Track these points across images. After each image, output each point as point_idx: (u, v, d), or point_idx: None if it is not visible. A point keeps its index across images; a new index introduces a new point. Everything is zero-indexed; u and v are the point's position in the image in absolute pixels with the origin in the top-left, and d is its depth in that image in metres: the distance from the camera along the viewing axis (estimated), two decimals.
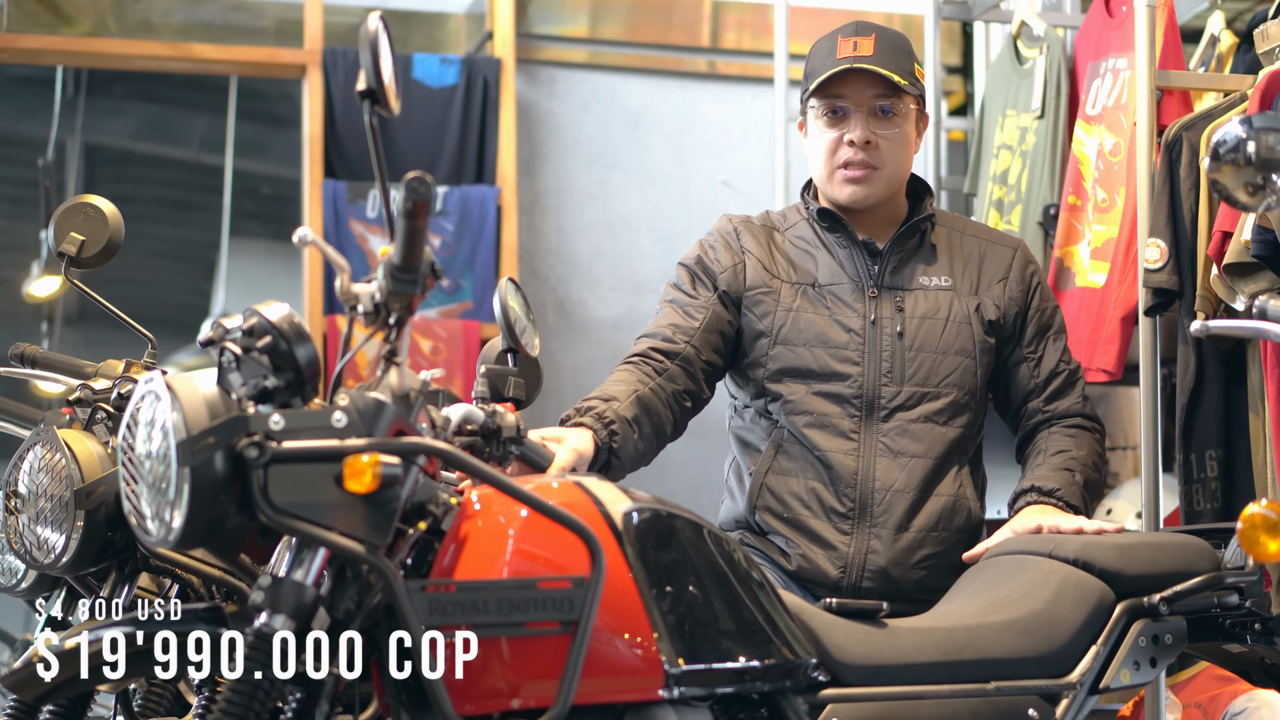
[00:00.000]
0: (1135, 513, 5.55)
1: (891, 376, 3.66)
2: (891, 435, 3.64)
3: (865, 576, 3.60)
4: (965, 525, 3.66)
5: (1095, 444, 3.75)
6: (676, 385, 3.63)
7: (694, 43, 7.77)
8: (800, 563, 3.62)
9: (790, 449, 3.67)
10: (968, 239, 3.83)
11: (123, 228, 3.50)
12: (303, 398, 2.56)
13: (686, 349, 3.66)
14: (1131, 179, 4.80)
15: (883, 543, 3.60)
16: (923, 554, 3.62)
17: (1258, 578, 3.25)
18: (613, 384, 3.57)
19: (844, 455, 3.63)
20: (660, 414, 3.57)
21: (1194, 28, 5.93)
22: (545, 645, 2.53)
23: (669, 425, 3.61)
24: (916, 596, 3.52)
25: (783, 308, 3.70)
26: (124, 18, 7.55)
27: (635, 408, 3.50)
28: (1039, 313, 3.79)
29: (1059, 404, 3.76)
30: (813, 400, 3.65)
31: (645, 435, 3.52)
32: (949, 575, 3.54)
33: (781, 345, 3.68)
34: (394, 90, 2.54)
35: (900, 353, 3.67)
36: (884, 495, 3.61)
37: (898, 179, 3.77)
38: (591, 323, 7.35)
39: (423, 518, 2.60)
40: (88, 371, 3.44)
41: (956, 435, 3.68)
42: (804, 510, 3.63)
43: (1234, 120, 2.92)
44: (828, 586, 3.58)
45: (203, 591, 3.27)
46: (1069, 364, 3.81)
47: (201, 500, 2.44)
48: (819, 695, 2.86)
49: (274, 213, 10.86)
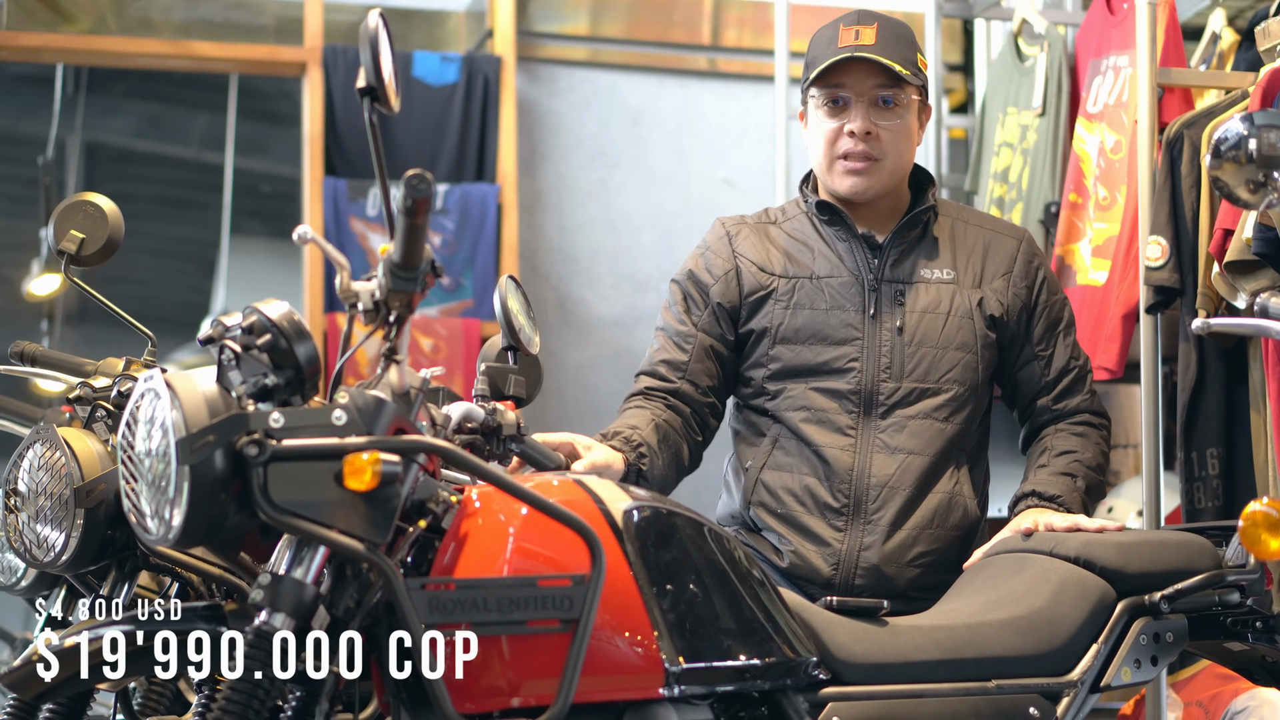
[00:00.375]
0: (1136, 510, 5.55)
1: (891, 372, 3.63)
2: (889, 432, 3.62)
3: (858, 574, 3.57)
4: (961, 523, 3.63)
5: (1101, 442, 3.74)
6: (684, 418, 3.65)
7: (695, 40, 7.77)
8: (793, 559, 3.60)
9: (787, 445, 3.65)
10: (971, 229, 3.78)
11: (122, 225, 3.49)
12: (303, 396, 2.56)
13: (683, 385, 3.67)
14: (1133, 177, 4.80)
15: (876, 540, 3.58)
16: (916, 551, 3.59)
17: (1259, 576, 3.25)
18: (630, 415, 3.58)
19: (840, 451, 3.61)
20: (676, 443, 3.59)
21: (1195, 25, 5.92)
22: (545, 643, 2.52)
23: (686, 457, 3.63)
24: (910, 594, 3.51)
25: (780, 306, 3.68)
26: (124, 15, 7.55)
27: (656, 435, 3.52)
28: (1047, 308, 3.75)
29: (1068, 402, 3.74)
30: (811, 396, 3.64)
31: (668, 462, 3.54)
32: (944, 573, 3.53)
33: (782, 344, 3.66)
34: (394, 88, 2.54)
35: (900, 348, 3.64)
36: (879, 492, 3.59)
37: (899, 171, 3.73)
38: (592, 320, 7.34)
39: (423, 516, 2.60)
40: (87, 370, 3.44)
41: (956, 432, 3.65)
42: (798, 506, 3.61)
43: (1235, 118, 2.92)
44: (820, 584, 3.56)
45: (203, 590, 3.26)
46: (1078, 360, 3.77)
47: (201, 498, 2.43)
48: (820, 694, 2.85)
49: (274, 211, 10.86)
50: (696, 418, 3.67)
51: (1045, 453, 3.69)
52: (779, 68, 6.28)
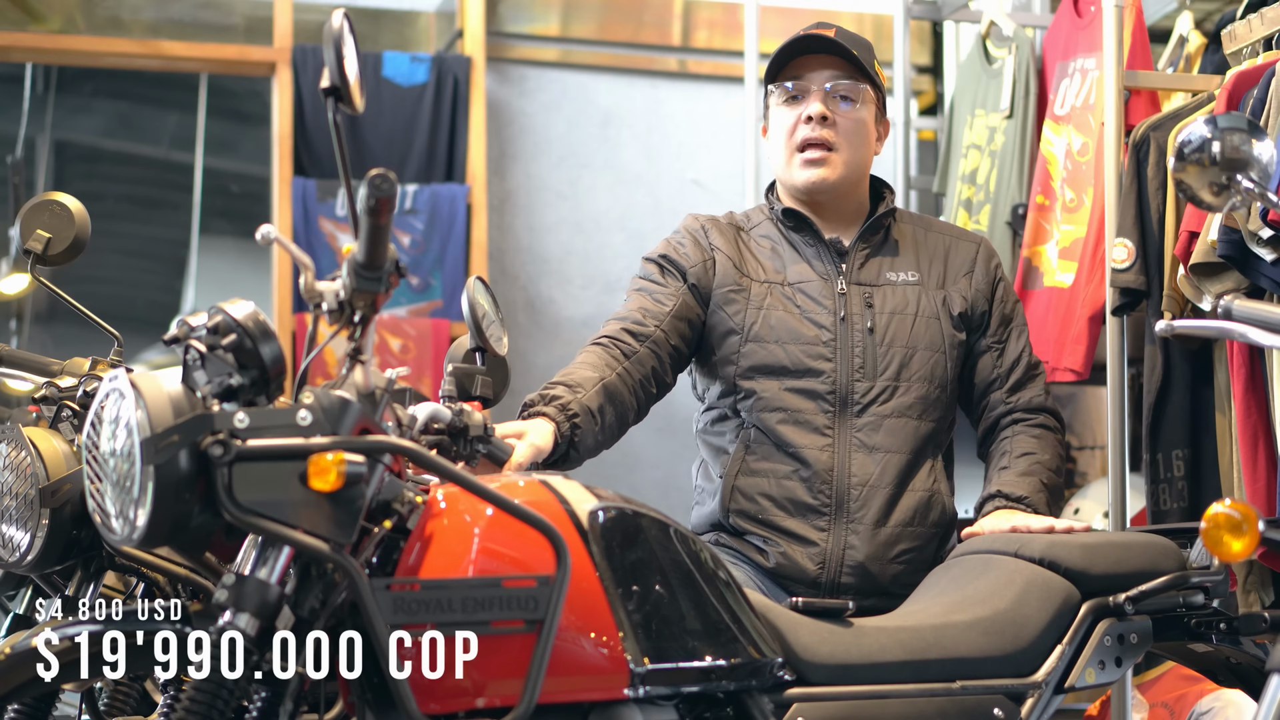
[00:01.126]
0: (1102, 512, 5.57)
1: (864, 372, 3.65)
2: (866, 430, 3.63)
3: (844, 572, 3.58)
4: (940, 520, 3.66)
5: (1058, 446, 3.76)
6: (643, 370, 3.60)
7: (665, 42, 7.77)
8: (779, 560, 3.60)
9: (759, 448, 3.66)
10: (932, 235, 3.84)
11: (89, 225, 3.48)
12: (268, 396, 2.55)
13: (656, 332, 3.64)
14: (1099, 179, 4.81)
15: (861, 538, 3.59)
16: (900, 548, 3.61)
17: (1223, 577, 3.26)
18: (580, 367, 3.54)
19: (818, 451, 3.62)
20: (625, 401, 3.55)
21: (1162, 28, 5.96)
22: (510, 644, 2.52)
23: (632, 413, 3.59)
24: (894, 591, 3.53)
25: (753, 305, 3.69)
26: (93, 15, 7.53)
27: (600, 396, 3.48)
28: (1003, 304, 3.80)
29: (1022, 395, 3.76)
30: (786, 396, 3.64)
31: (607, 425, 3.50)
32: (925, 570, 3.54)
33: (753, 342, 3.67)
34: (358, 87, 2.53)
35: (872, 348, 3.66)
36: (860, 490, 3.61)
37: (856, 166, 3.76)
38: (561, 321, 7.34)
39: (388, 516, 2.59)
40: (54, 369, 3.43)
41: (930, 429, 3.68)
42: (777, 510, 3.62)
43: (1199, 120, 2.93)
44: (806, 583, 3.57)
45: (168, 590, 3.26)
46: (1032, 358, 3.81)
47: (166, 498, 2.43)
48: (785, 694, 2.85)
49: (244, 211, 10.83)
50: (659, 368, 3.64)
51: (1006, 454, 3.70)
52: (749, 69, 6.29)
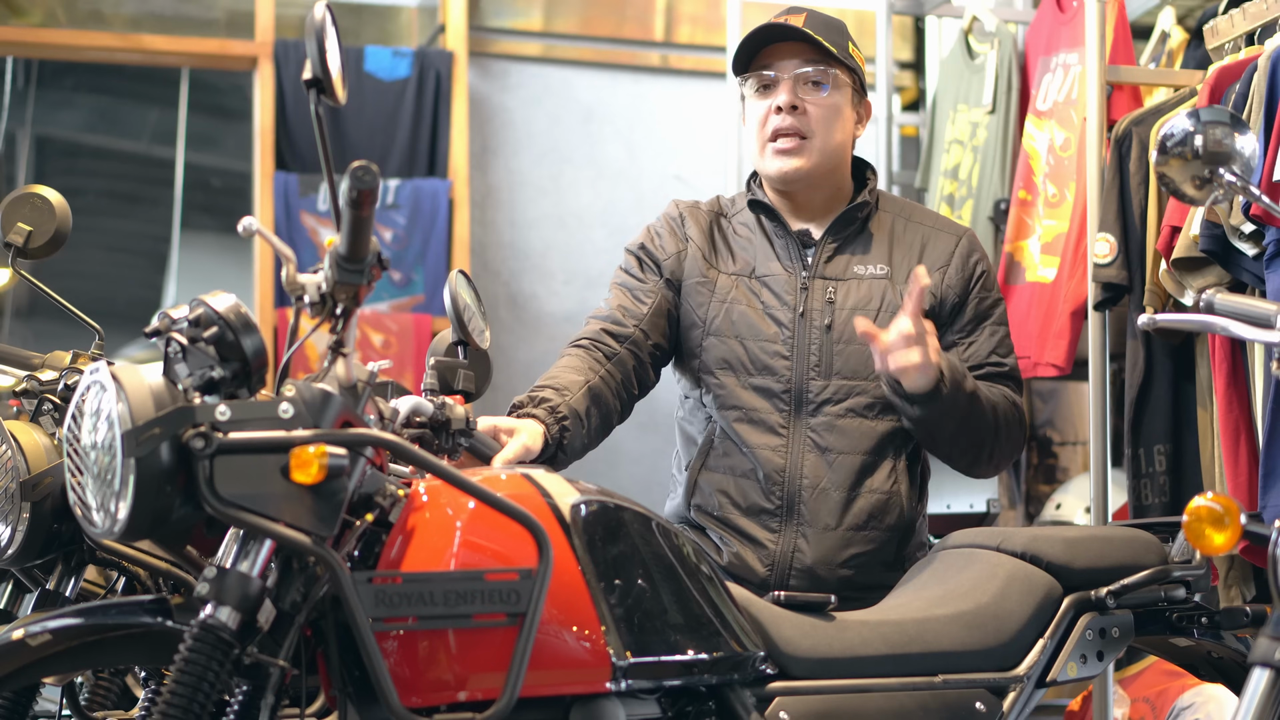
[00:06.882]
0: (1084, 507, 5.57)
1: (819, 370, 3.59)
2: (819, 431, 3.58)
3: (792, 575, 3.55)
4: (896, 524, 3.58)
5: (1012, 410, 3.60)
6: (625, 371, 3.59)
7: (647, 37, 7.77)
8: (731, 559, 3.58)
9: (721, 445, 3.63)
10: (912, 226, 3.73)
11: (70, 218, 3.48)
12: (250, 389, 2.55)
13: (635, 333, 3.63)
14: (1081, 174, 4.82)
15: (809, 542, 3.55)
16: (850, 553, 3.56)
17: (1204, 572, 3.26)
18: (565, 370, 3.53)
19: (771, 452, 3.58)
20: (609, 404, 3.54)
21: (1145, 24, 5.96)
22: (492, 637, 2.52)
23: (616, 415, 3.59)
24: (845, 595, 3.37)
25: (717, 299, 3.66)
26: (74, 9, 7.52)
27: (586, 399, 3.47)
28: (978, 300, 3.66)
29: None
30: (743, 394, 3.61)
31: (593, 428, 3.49)
32: (879, 574, 3.53)
33: (713, 336, 3.64)
34: (340, 80, 2.53)
35: (828, 346, 3.59)
36: (811, 494, 3.56)
37: (830, 153, 3.68)
38: (543, 316, 7.34)
39: (370, 509, 2.58)
40: (34, 363, 3.42)
41: (889, 429, 3.60)
42: (732, 509, 3.60)
43: (1181, 114, 2.93)
44: (756, 584, 3.52)
45: (149, 584, 3.26)
46: (1006, 360, 3.67)
47: (147, 491, 2.42)
48: (767, 688, 2.85)
49: (225, 205, 10.81)
50: (639, 369, 3.63)
51: None
52: (731, 65, 6.29)
